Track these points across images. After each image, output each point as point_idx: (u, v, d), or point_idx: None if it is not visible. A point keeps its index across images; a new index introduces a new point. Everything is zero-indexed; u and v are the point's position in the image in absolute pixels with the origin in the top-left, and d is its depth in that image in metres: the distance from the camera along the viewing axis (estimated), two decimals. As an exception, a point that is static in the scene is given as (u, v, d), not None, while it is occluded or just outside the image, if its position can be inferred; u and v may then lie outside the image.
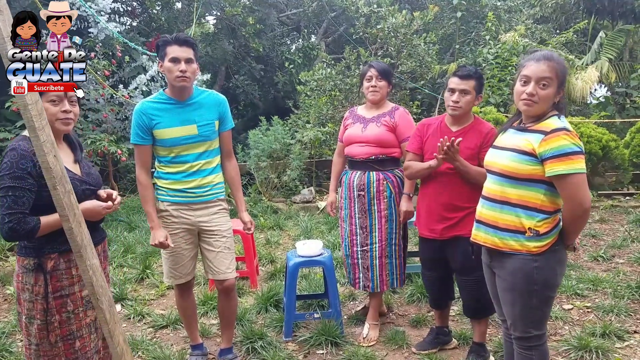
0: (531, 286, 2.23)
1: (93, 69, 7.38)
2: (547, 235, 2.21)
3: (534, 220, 2.21)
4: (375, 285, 3.52)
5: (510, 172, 2.24)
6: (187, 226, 3.01)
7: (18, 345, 3.56)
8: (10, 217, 2.00)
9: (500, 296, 2.40)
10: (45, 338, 2.13)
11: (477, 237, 2.43)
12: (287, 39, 14.85)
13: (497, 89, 9.03)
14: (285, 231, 6.63)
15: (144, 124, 2.90)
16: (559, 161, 2.10)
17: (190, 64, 2.82)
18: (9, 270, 4.92)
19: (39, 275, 2.11)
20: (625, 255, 5.16)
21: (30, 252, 2.12)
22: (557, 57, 2.25)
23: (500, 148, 2.36)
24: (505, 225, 2.27)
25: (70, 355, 2.17)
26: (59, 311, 2.14)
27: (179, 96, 2.92)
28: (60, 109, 2.14)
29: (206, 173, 2.99)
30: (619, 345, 3.35)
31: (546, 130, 2.16)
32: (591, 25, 10.95)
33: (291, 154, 8.25)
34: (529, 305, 2.27)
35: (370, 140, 3.44)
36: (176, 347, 3.52)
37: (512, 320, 2.35)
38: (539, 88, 2.19)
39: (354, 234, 3.54)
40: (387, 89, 3.51)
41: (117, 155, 7.45)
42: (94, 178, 2.33)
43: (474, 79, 2.95)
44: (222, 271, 3.05)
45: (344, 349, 3.39)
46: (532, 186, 2.21)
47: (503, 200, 2.28)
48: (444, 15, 11.74)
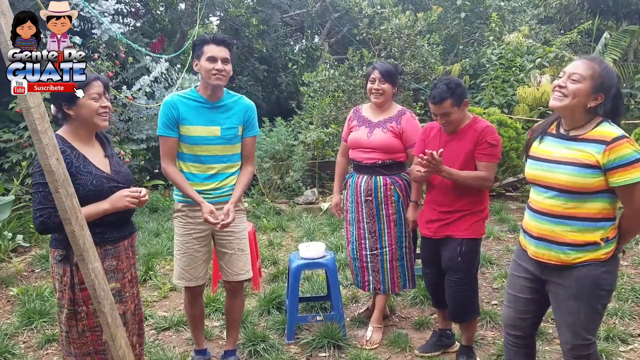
0: (598, 291, 2.19)
1: (96, 70, 7.39)
2: (613, 239, 2.20)
3: (605, 229, 2.17)
4: (387, 287, 3.51)
5: (576, 187, 2.14)
6: (202, 227, 2.99)
7: (21, 347, 3.56)
8: (41, 211, 2.12)
9: (559, 305, 2.29)
10: (74, 327, 2.24)
11: (538, 254, 2.28)
12: (291, 39, 14.85)
13: (501, 89, 9.01)
14: (288, 232, 6.62)
15: (172, 116, 2.91)
16: (625, 170, 2.05)
17: (226, 63, 2.87)
18: (12, 271, 4.92)
19: (66, 267, 2.21)
20: (630, 258, 5.12)
21: (59, 244, 2.22)
22: (602, 61, 2.19)
23: (549, 161, 2.24)
24: (573, 240, 2.18)
25: (98, 346, 2.27)
26: (85, 302, 2.21)
27: (209, 96, 2.94)
28: (101, 104, 2.26)
29: (224, 177, 3.00)
30: (623, 349, 3.33)
31: (607, 140, 2.08)
32: (595, 25, 10.91)
33: (294, 155, 8.24)
34: (594, 311, 2.22)
35: (376, 147, 3.40)
36: (178, 350, 3.51)
37: (572, 330, 2.24)
38: (569, 82, 2.13)
39: (363, 237, 3.52)
40: (391, 91, 3.44)
41: (120, 156, 7.45)
42: (123, 175, 2.40)
43: (448, 97, 2.86)
44: (235, 272, 3.06)
45: (347, 352, 3.38)
46: (599, 197, 2.15)
47: (568, 215, 2.18)
48: (448, 15, 11.73)
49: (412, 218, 3.40)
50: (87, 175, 2.23)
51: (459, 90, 2.90)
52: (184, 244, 3.01)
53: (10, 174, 6.59)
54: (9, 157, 6.62)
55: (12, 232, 5.38)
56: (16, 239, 5.37)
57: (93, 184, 2.23)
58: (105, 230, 2.28)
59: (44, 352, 3.52)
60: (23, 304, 4.09)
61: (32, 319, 3.86)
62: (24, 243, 5.51)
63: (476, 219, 2.98)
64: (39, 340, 3.61)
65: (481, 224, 3.02)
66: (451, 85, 2.88)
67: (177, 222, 3.04)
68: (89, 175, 2.23)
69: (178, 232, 3.04)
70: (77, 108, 2.23)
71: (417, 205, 3.41)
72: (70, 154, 2.21)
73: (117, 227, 2.35)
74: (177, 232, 3.05)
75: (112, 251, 2.33)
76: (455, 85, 2.89)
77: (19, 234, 5.47)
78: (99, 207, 2.23)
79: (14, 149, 6.70)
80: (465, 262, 2.98)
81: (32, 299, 4.16)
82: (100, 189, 2.25)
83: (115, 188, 2.30)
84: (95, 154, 2.34)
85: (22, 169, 6.15)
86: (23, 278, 4.89)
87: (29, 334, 3.76)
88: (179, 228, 3.03)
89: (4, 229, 5.32)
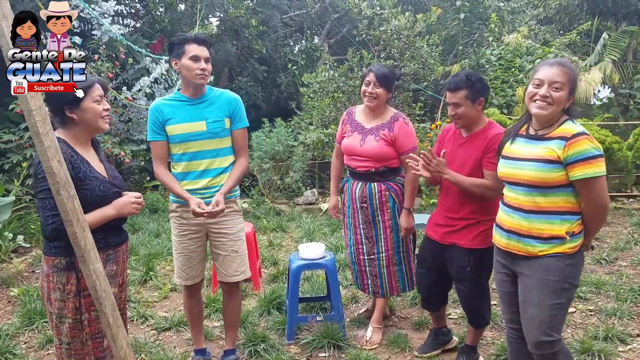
0: (563, 284, 2.28)
1: (96, 71, 7.40)
2: (579, 235, 2.30)
3: (570, 223, 2.28)
4: (385, 291, 3.52)
5: (540, 182, 2.27)
6: (196, 228, 3.03)
7: (22, 347, 3.57)
8: (53, 217, 2.04)
9: (525, 296, 2.39)
10: (78, 337, 2.19)
11: (510, 246, 2.42)
12: (290, 40, 14.85)
13: (500, 90, 9.01)
14: (288, 233, 6.63)
15: (157, 121, 2.96)
16: (582, 165, 2.17)
17: (208, 63, 2.92)
18: (12, 272, 4.93)
19: (71, 274, 2.16)
20: (629, 258, 5.13)
21: (61, 251, 2.15)
22: (570, 63, 2.32)
23: (518, 159, 2.37)
24: (539, 233, 2.31)
25: (99, 353, 2.24)
26: (87, 309, 2.19)
27: (192, 94, 2.98)
28: (103, 107, 2.25)
29: (216, 173, 3.00)
30: (621, 349, 3.34)
31: (567, 136, 2.22)
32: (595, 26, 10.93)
33: (294, 155, 8.25)
34: (558, 304, 2.29)
35: (368, 156, 3.38)
36: (179, 350, 3.52)
37: (537, 323, 2.32)
38: (552, 91, 2.25)
39: (360, 242, 3.53)
40: (385, 96, 3.37)
41: (120, 157, 7.47)
42: (118, 180, 2.39)
43: (465, 88, 2.82)
44: (229, 274, 3.09)
45: (347, 352, 3.39)
46: (563, 191, 2.27)
47: (535, 209, 2.31)
48: (447, 16, 11.73)
49: (405, 225, 3.38)
50: (94, 180, 2.21)
51: (479, 85, 2.85)
52: (180, 244, 3.06)
53: (11, 174, 6.60)
54: (10, 158, 6.63)
55: (13, 233, 5.39)
56: (17, 240, 5.39)
57: (100, 189, 2.21)
58: (107, 235, 2.27)
59: (44, 352, 3.53)
60: (24, 305, 4.10)
61: (33, 320, 3.87)
62: (25, 244, 5.52)
63: (483, 229, 2.89)
64: (40, 341, 3.62)
65: (488, 232, 2.86)
66: (472, 77, 2.84)
67: (173, 223, 3.09)
68: (95, 181, 2.21)
69: (174, 233, 3.09)
70: (80, 112, 2.20)
71: (410, 212, 3.39)
72: (77, 159, 2.19)
73: (117, 231, 2.35)
74: (173, 232, 3.10)
75: (113, 256, 2.33)
76: (476, 79, 2.84)
77: (19, 234, 5.48)
78: (104, 213, 2.21)
79: (15, 149, 6.71)
80: (474, 272, 2.96)
81: (33, 300, 4.16)
82: (106, 195, 2.24)
83: (117, 194, 2.30)
84: (93, 159, 2.31)
85: (22, 170, 6.16)
86: (24, 278, 4.90)
87: (30, 334, 3.77)
88: (175, 228, 3.08)
89: (5, 230, 5.34)
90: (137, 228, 6.66)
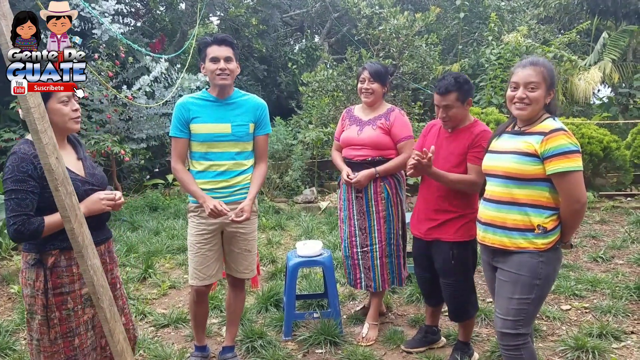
0: (534, 280, 2.34)
1: (97, 70, 7.43)
2: (553, 232, 2.33)
3: (542, 217, 2.33)
4: (377, 284, 3.55)
5: (516, 173, 2.34)
6: (213, 227, 3.03)
7: (22, 343, 3.60)
8: (15, 219, 2.04)
9: (498, 289, 2.47)
10: (46, 334, 2.16)
11: (485, 239, 2.51)
12: (291, 39, 14.90)
13: (500, 89, 9.04)
14: (287, 231, 6.66)
15: (183, 117, 2.97)
16: (558, 160, 2.24)
17: (229, 62, 2.91)
18: (13, 269, 4.96)
19: (40, 271, 2.14)
20: (625, 256, 5.16)
21: (32, 248, 2.15)
22: (543, 61, 2.39)
23: (500, 152, 2.46)
24: (514, 224, 2.37)
25: (69, 352, 2.20)
26: (58, 308, 2.16)
27: (219, 94, 2.99)
28: (71, 108, 2.18)
29: (235, 174, 3.02)
30: (615, 346, 3.36)
31: (545, 131, 2.29)
32: (594, 25, 10.96)
33: (293, 154, 8.29)
34: (527, 300, 2.35)
35: (366, 144, 3.46)
36: (177, 346, 3.55)
37: (503, 315, 2.40)
38: (527, 91, 2.33)
39: (353, 235, 3.57)
40: (381, 90, 3.50)
41: (120, 156, 7.50)
42: (98, 178, 2.34)
43: (454, 91, 2.88)
44: (239, 271, 3.14)
45: (343, 348, 3.41)
46: (537, 185, 2.33)
47: (510, 200, 2.38)
48: (447, 15, 11.76)
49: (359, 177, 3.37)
50: None
51: (467, 86, 2.93)
52: (195, 244, 3.04)
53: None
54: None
55: (13, 231, 5.41)
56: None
57: None
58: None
59: (44, 348, 3.56)
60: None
61: (33, 316, 3.89)
62: (25, 241, 5.54)
63: (464, 221, 2.97)
64: (40, 337, 3.64)
65: (471, 225, 2.96)
66: (460, 79, 2.91)
67: (191, 222, 3.07)
68: None
69: (191, 232, 3.07)
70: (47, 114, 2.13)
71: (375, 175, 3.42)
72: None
73: (95, 230, 2.25)
74: (190, 232, 3.08)
75: None
76: (463, 80, 2.92)
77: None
78: None
79: (15, 148, 6.74)
80: (459, 265, 3.00)
81: (33, 297, 4.19)
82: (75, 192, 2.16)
83: (90, 191, 2.24)
84: (67, 157, 2.25)
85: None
86: (24, 276, 4.93)
87: (30, 331, 3.80)
88: (192, 228, 3.06)
89: (5, 228, 5.37)
90: (137, 226, 6.70)
